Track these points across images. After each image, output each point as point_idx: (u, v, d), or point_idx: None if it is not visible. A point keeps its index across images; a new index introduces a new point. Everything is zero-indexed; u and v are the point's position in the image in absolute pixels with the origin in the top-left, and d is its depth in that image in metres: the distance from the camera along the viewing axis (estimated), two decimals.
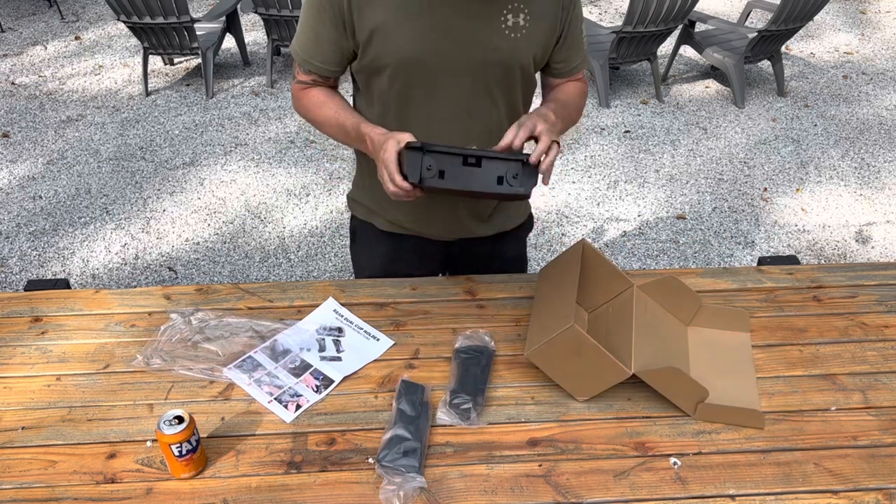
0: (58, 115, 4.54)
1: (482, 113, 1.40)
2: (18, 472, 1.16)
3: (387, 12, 1.27)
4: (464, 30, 1.29)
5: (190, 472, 1.14)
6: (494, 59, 1.33)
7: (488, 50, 1.31)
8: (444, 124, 1.39)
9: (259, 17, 4.61)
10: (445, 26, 1.28)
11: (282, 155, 4.11)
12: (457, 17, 1.27)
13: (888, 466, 1.17)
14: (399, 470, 1.12)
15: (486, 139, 1.43)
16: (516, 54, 1.34)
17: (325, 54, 1.37)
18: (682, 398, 1.25)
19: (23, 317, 1.49)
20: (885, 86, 4.95)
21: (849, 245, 3.41)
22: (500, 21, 1.30)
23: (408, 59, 1.30)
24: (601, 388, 1.26)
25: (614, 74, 5.08)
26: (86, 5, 6.34)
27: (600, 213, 3.62)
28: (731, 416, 1.24)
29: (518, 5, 1.30)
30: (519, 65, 1.36)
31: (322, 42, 1.35)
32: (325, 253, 3.33)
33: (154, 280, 3.15)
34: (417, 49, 1.29)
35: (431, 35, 1.28)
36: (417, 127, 1.40)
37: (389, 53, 1.31)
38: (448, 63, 1.32)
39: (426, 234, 1.58)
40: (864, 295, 1.55)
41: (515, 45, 1.33)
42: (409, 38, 1.28)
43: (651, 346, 1.31)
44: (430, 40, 1.29)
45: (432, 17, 1.27)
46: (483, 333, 1.40)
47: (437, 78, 1.33)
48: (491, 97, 1.38)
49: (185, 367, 1.35)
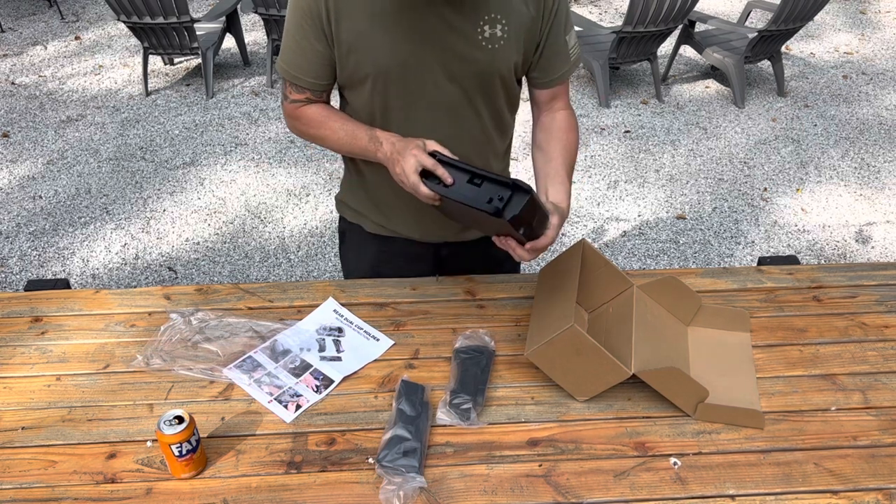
0: (58, 115, 4.54)
1: (466, 121, 1.40)
2: (18, 472, 1.16)
3: (363, 24, 1.27)
4: (440, 41, 1.29)
5: (190, 472, 1.14)
6: (473, 70, 1.33)
7: (466, 61, 1.32)
8: (426, 133, 1.37)
9: (259, 17, 4.61)
10: (421, 37, 1.28)
11: (282, 155, 4.11)
12: (432, 28, 1.28)
13: (888, 466, 1.17)
14: (399, 470, 1.12)
15: (471, 147, 1.43)
16: (495, 65, 1.34)
17: (315, 69, 1.36)
18: (682, 398, 1.25)
19: (23, 317, 1.49)
20: (885, 86, 4.95)
21: (849, 245, 3.41)
22: (477, 32, 1.30)
23: (386, 69, 1.31)
24: (601, 388, 1.26)
25: (614, 74, 5.09)
26: (86, 5, 6.34)
27: (600, 213, 3.62)
28: (731, 417, 1.24)
29: (495, 16, 1.30)
30: (499, 75, 1.36)
31: (309, 57, 1.34)
32: (325, 253, 3.33)
33: (154, 280, 3.15)
34: (394, 60, 1.30)
35: (408, 46, 1.29)
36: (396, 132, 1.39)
37: (367, 64, 1.31)
38: (427, 73, 1.32)
39: (414, 237, 1.58)
40: (864, 295, 1.55)
41: (494, 56, 1.33)
42: (386, 49, 1.29)
43: (651, 346, 1.31)
44: (407, 51, 1.29)
45: (408, 28, 1.27)
46: (483, 333, 1.40)
47: (418, 88, 1.34)
48: (473, 106, 1.39)
49: (185, 367, 1.35)
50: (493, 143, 1.49)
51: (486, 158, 1.50)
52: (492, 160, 1.52)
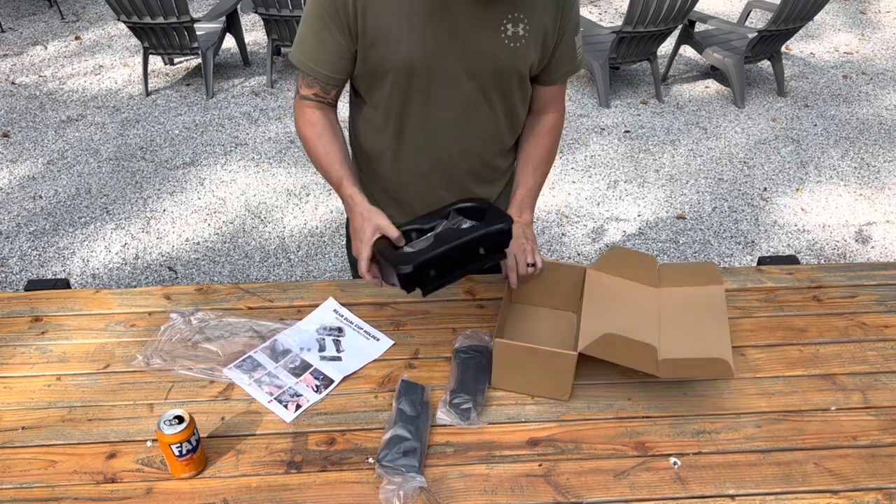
0: (58, 115, 4.54)
1: (481, 118, 1.41)
2: (18, 472, 1.16)
3: (390, 17, 1.27)
4: (464, 38, 1.29)
5: (190, 472, 1.15)
6: (493, 67, 1.34)
7: (487, 58, 1.32)
8: (442, 129, 1.40)
9: (259, 17, 4.61)
10: (446, 33, 1.28)
11: (282, 155, 4.11)
12: (458, 25, 1.28)
13: (888, 466, 1.17)
14: (399, 470, 1.12)
15: (482, 144, 1.45)
16: (514, 63, 1.35)
17: (333, 61, 1.35)
18: (637, 361, 1.22)
19: (23, 317, 1.49)
20: (885, 86, 4.95)
21: (849, 245, 3.41)
22: (500, 31, 1.30)
23: (409, 65, 1.31)
24: (568, 379, 1.26)
25: (614, 74, 5.08)
26: (86, 5, 6.34)
27: (600, 213, 3.62)
28: (696, 369, 1.23)
29: (518, 15, 1.30)
30: (517, 73, 1.37)
31: (329, 49, 1.33)
32: (325, 253, 3.33)
33: (154, 280, 3.15)
34: (419, 56, 1.30)
35: (433, 43, 1.29)
36: (416, 131, 1.40)
37: (391, 59, 1.31)
38: (448, 69, 1.32)
39: None
40: (864, 295, 1.55)
41: (514, 54, 1.33)
42: (411, 43, 1.29)
43: (608, 320, 1.31)
44: (432, 48, 1.29)
45: (434, 23, 1.27)
46: (483, 333, 1.40)
47: (437, 83, 1.34)
48: (489, 104, 1.39)
49: (185, 367, 1.35)
50: (504, 140, 1.50)
51: (493, 155, 1.51)
52: (498, 158, 1.53)
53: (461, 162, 1.47)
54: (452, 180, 1.50)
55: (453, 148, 1.44)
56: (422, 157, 1.46)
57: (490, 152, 1.50)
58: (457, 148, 1.44)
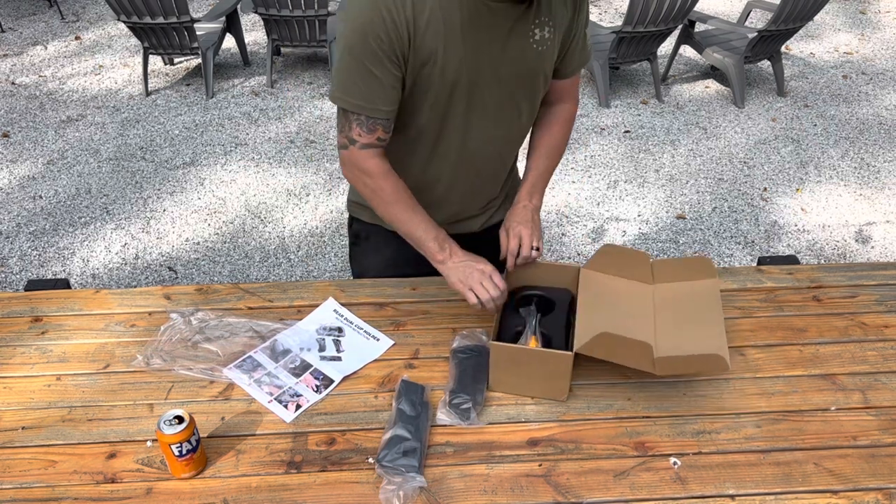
0: (58, 115, 4.54)
1: (507, 122, 1.42)
2: (18, 472, 1.16)
3: (436, 40, 1.24)
4: (498, 48, 1.29)
5: (190, 472, 1.15)
6: (520, 70, 1.34)
7: (517, 64, 1.33)
8: (476, 138, 1.40)
9: (259, 17, 4.61)
10: (483, 46, 1.28)
11: (282, 155, 4.11)
12: (495, 35, 1.28)
13: (888, 466, 1.17)
14: (399, 470, 1.12)
15: (503, 145, 1.46)
16: (541, 65, 1.36)
17: (390, 96, 1.27)
18: (633, 359, 1.22)
19: (23, 317, 1.49)
20: (885, 86, 4.95)
21: (849, 245, 3.41)
22: (529, 36, 1.31)
23: (455, 80, 1.29)
24: (565, 380, 1.26)
25: (614, 74, 5.08)
26: (86, 5, 6.34)
27: (600, 213, 3.62)
28: (692, 365, 1.23)
29: (544, 19, 1.31)
30: (543, 74, 1.38)
31: (386, 82, 1.25)
32: (325, 253, 3.33)
33: (154, 280, 3.15)
34: (464, 70, 1.28)
35: (475, 56, 1.28)
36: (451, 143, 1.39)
37: (438, 76, 1.28)
38: (481, 80, 1.32)
39: None
40: (864, 295, 1.55)
41: (541, 57, 1.34)
42: (454, 63, 1.27)
43: (604, 319, 1.31)
44: (473, 61, 1.28)
45: (476, 39, 1.26)
46: (479, 332, 1.40)
47: (478, 94, 1.34)
48: (517, 107, 1.40)
49: (185, 367, 1.35)
50: (523, 139, 1.52)
51: (511, 156, 1.54)
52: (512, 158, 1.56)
53: (486, 166, 1.48)
54: (473, 184, 1.51)
55: (483, 153, 1.44)
56: (450, 166, 1.44)
57: (511, 153, 1.52)
58: (486, 152, 1.44)
